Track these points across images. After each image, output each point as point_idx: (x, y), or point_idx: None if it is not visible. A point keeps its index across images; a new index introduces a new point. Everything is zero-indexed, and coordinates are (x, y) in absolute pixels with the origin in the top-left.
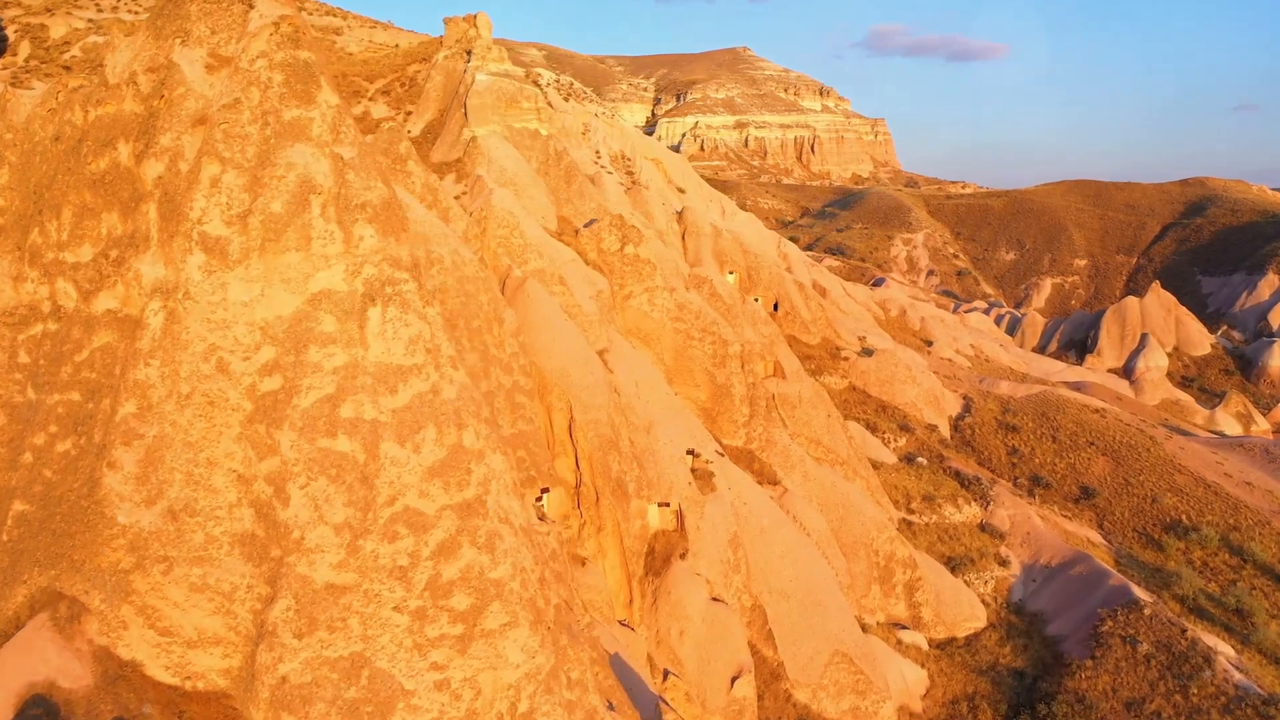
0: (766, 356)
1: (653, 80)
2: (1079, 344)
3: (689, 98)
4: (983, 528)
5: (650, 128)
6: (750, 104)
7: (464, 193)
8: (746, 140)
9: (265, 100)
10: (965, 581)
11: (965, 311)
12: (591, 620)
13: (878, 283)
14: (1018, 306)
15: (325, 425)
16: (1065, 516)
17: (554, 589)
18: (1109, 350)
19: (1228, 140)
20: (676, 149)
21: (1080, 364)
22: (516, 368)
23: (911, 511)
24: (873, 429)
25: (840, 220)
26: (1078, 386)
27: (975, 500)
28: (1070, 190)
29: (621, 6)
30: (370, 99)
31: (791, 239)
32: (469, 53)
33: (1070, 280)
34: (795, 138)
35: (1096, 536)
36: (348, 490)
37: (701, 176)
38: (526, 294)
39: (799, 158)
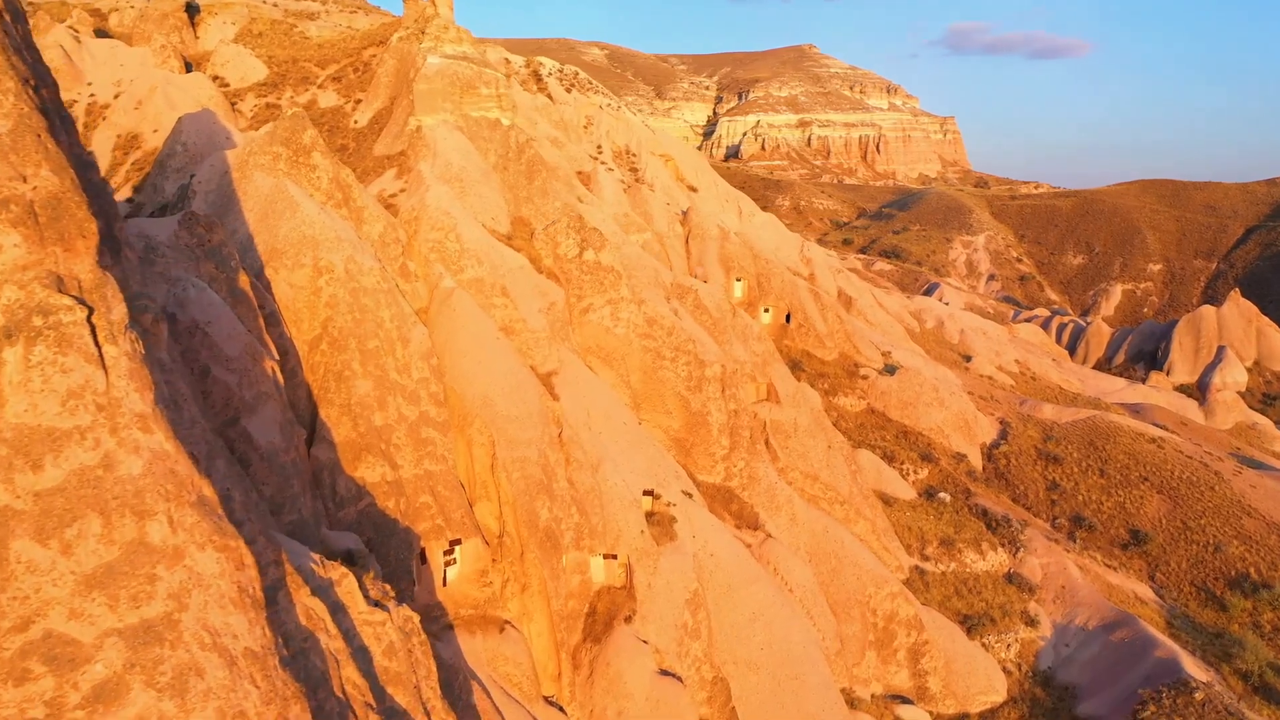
0: (758, 378)
1: (715, 79)
2: (1148, 356)
3: (751, 96)
4: (1009, 578)
5: (711, 127)
6: (814, 102)
7: (402, 190)
8: (809, 139)
9: None
10: (984, 644)
11: (1023, 320)
12: None
13: (931, 288)
14: (1084, 314)
15: None
16: (1109, 566)
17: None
18: (1180, 364)
19: None
20: (736, 148)
21: (1147, 379)
22: (425, 396)
23: (926, 558)
24: (890, 459)
25: (897, 222)
26: (1135, 409)
27: (1003, 545)
28: (1144, 190)
29: (697, 7)
30: (320, 86)
31: (845, 241)
32: (425, 33)
33: (1143, 286)
34: (860, 137)
35: (1146, 591)
36: None
37: (758, 176)
38: (453, 308)
39: (863, 157)
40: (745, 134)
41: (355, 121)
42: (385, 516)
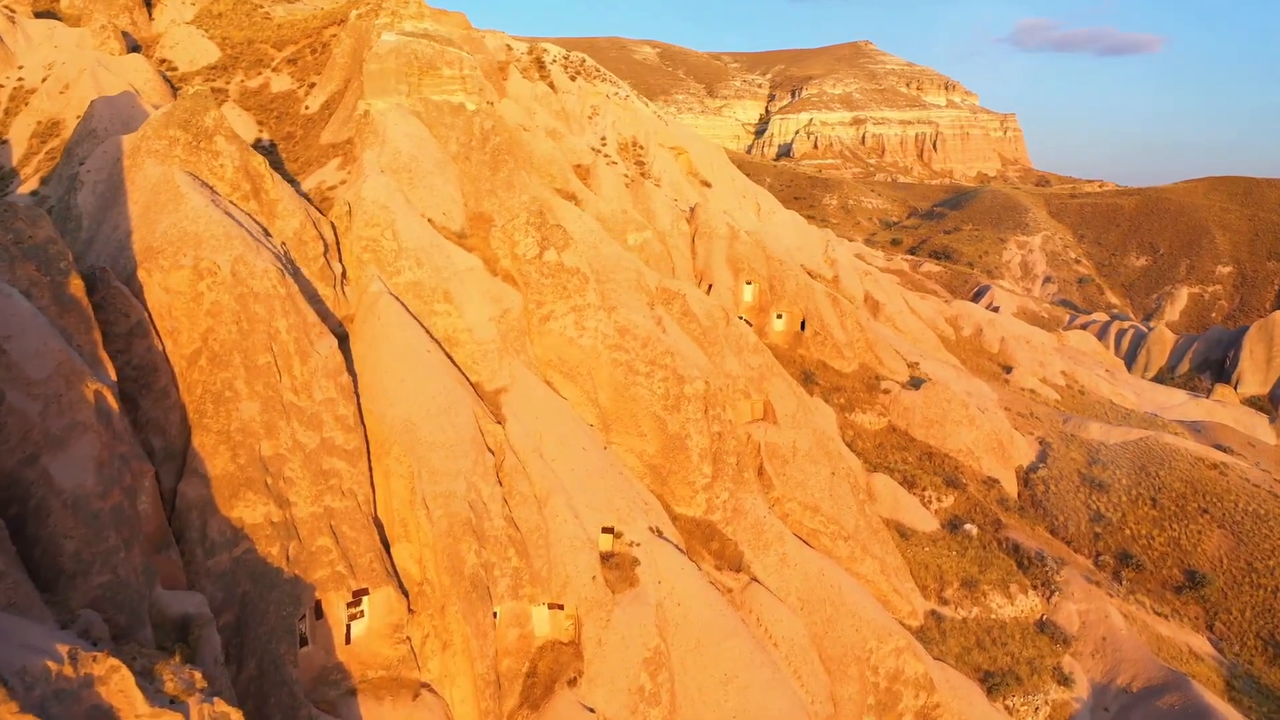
0: (753, 394)
1: (768, 76)
2: (1215, 365)
3: (804, 93)
4: (1041, 627)
5: (763, 125)
6: (869, 100)
7: (343, 181)
8: (864, 137)
9: None
10: (1007, 707)
11: (1079, 325)
12: None
13: (981, 291)
14: (1147, 319)
15: None
16: (1159, 614)
17: None
18: (1250, 374)
19: None
20: (788, 147)
21: (1213, 392)
22: (330, 420)
23: (944, 601)
24: (910, 484)
25: (949, 221)
26: (1196, 427)
27: (1035, 587)
28: (1213, 188)
29: (755, 7)
30: (274, 69)
31: (894, 241)
32: (382, 8)
33: (1211, 290)
34: (916, 134)
35: (1202, 644)
36: None
37: (805, 175)
38: (378, 316)
39: (919, 155)
40: (798, 132)
41: (306, 107)
42: (266, 564)
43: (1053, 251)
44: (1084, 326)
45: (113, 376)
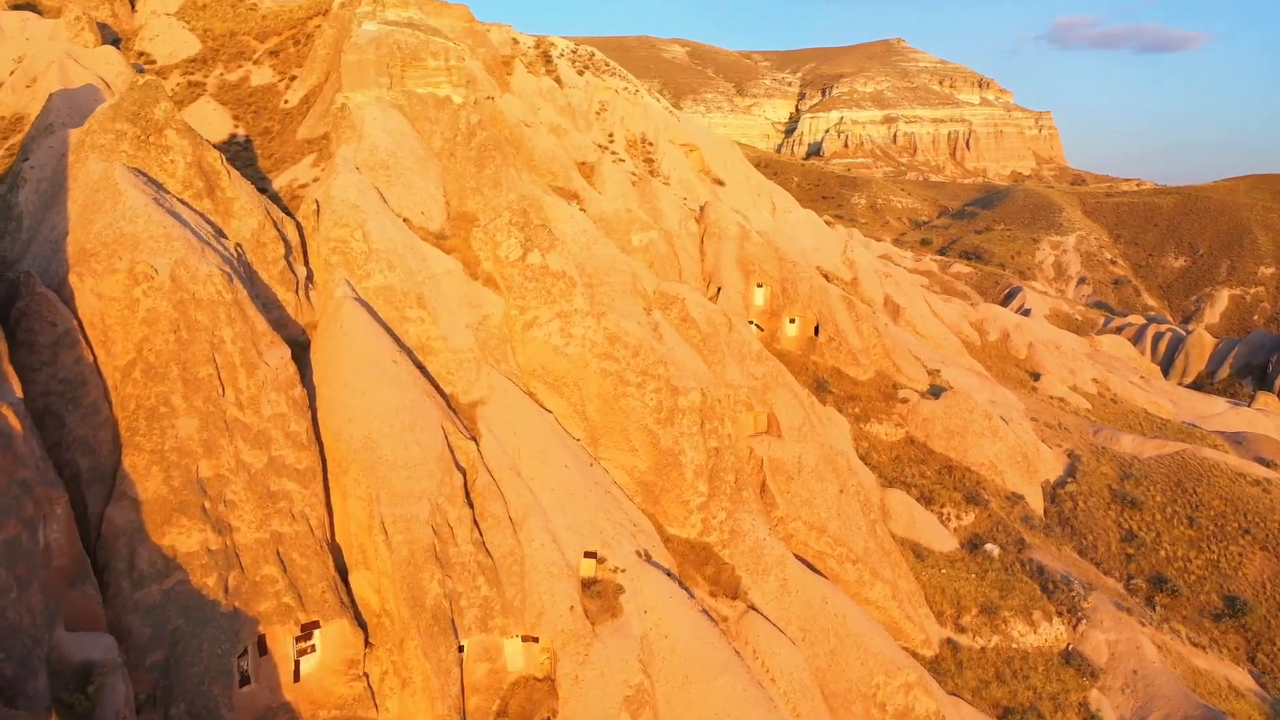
0: (757, 406)
1: (799, 75)
2: (1257, 371)
3: (835, 92)
4: (1067, 658)
5: (793, 124)
6: (901, 98)
7: (316, 179)
8: (895, 136)
9: None
10: None
11: (1114, 329)
12: None
13: (1013, 292)
14: (1185, 322)
15: None
16: (1196, 645)
17: None
18: None
19: None
20: (819, 146)
21: (1254, 400)
22: (281, 437)
23: (961, 629)
24: (928, 500)
25: (980, 221)
26: (1237, 438)
27: (1060, 614)
28: (1256, 186)
29: (788, 5)
30: (255, 61)
31: (923, 241)
32: None
33: (1253, 292)
34: (949, 133)
35: (1243, 678)
36: None
37: (834, 174)
38: (340, 324)
39: (952, 154)
40: (828, 131)
41: (285, 101)
42: (201, 597)
43: (1087, 252)
44: (1119, 329)
45: (18, 393)
